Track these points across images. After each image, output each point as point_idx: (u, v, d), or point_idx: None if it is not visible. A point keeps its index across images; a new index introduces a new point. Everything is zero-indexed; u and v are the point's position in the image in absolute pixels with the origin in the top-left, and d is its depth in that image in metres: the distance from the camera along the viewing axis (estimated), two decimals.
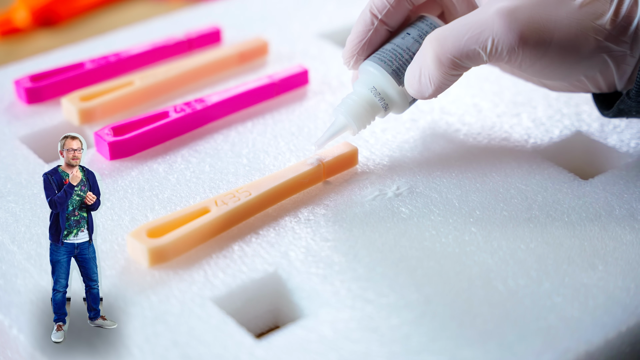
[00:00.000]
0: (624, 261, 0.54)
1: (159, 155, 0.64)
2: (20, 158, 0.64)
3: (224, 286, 0.53)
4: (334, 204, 0.59)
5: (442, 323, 0.51)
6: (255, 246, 0.56)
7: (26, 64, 0.75)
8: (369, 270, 0.54)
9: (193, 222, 0.55)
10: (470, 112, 0.67)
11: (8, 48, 1.10)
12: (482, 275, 0.53)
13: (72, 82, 0.71)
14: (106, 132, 0.64)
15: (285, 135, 0.66)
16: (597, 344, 0.50)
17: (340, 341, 0.50)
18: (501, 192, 0.60)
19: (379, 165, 0.62)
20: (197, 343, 0.50)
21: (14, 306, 0.52)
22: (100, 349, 0.49)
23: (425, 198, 0.59)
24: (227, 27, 0.79)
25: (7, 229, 0.57)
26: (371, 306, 0.52)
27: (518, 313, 0.51)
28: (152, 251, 0.54)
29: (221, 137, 0.66)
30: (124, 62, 0.73)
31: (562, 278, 0.53)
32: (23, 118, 0.69)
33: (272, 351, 0.49)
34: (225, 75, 0.73)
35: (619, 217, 0.58)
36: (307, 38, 0.78)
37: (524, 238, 0.56)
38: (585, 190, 0.60)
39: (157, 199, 0.60)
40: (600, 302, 0.52)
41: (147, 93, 0.70)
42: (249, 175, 0.62)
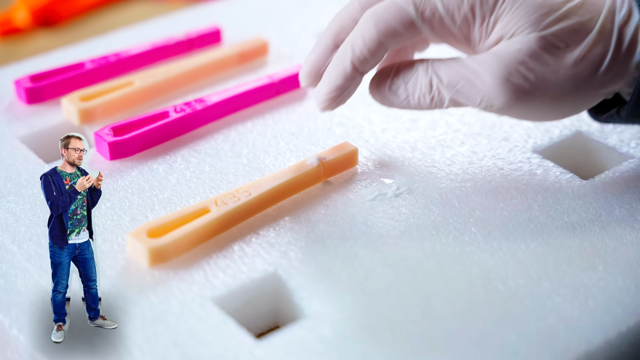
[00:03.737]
0: (624, 261, 0.54)
1: (159, 155, 0.64)
2: (20, 158, 0.64)
3: (224, 286, 0.53)
4: (334, 204, 0.59)
5: (442, 323, 0.51)
6: (255, 246, 0.56)
7: (26, 64, 0.75)
8: (369, 270, 0.54)
9: (193, 222, 0.55)
10: (470, 112, 0.67)
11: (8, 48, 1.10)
12: (482, 275, 0.53)
13: (72, 82, 0.71)
14: (106, 132, 0.64)
15: (285, 135, 0.66)
16: (597, 344, 0.50)
17: (340, 341, 0.50)
18: (501, 192, 0.60)
19: (379, 166, 0.62)
20: (197, 343, 0.50)
21: (14, 306, 0.52)
22: (100, 349, 0.49)
23: (425, 198, 0.59)
24: (227, 27, 0.79)
25: (7, 229, 0.57)
26: (371, 306, 0.52)
27: (518, 313, 0.51)
28: (152, 251, 0.54)
29: (221, 137, 0.66)
30: (124, 62, 0.73)
31: (562, 278, 0.53)
32: (23, 118, 0.69)
33: (272, 351, 0.49)
34: (225, 75, 0.73)
35: (619, 217, 0.58)
36: (307, 38, 0.78)
37: (524, 238, 0.56)
38: (585, 190, 0.60)
39: (157, 199, 0.60)
40: (600, 302, 0.52)
41: (147, 93, 0.70)
42: (249, 175, 0.62)
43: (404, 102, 0.57)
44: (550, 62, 0.54)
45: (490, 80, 0.54)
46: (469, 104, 0.56)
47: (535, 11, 0.54)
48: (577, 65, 0.54)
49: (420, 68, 0.57)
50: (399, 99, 0.57)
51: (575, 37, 0.54)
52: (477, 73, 0.55)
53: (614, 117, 0.58)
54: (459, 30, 0.56)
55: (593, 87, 0.55)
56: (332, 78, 0.57)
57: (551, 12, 0.55)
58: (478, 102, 0.55)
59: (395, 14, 0.55)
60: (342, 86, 0.57)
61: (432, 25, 0.56)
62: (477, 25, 0.55)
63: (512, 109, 0.55)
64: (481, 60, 0.55)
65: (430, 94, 0.56)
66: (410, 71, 0.57)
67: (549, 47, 0.54)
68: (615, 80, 0.55)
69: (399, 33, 0.56)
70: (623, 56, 0.55)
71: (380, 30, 0.55)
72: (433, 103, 0.56)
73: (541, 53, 0.54)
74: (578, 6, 0.55)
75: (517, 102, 0.55)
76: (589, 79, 0.55)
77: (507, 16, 0.55)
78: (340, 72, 0.57)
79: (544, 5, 0.55)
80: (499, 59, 0.54)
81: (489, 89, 0.55)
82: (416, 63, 0.57)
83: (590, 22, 0.55)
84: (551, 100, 0.55)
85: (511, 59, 0.54)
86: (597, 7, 0.55)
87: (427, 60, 0.57)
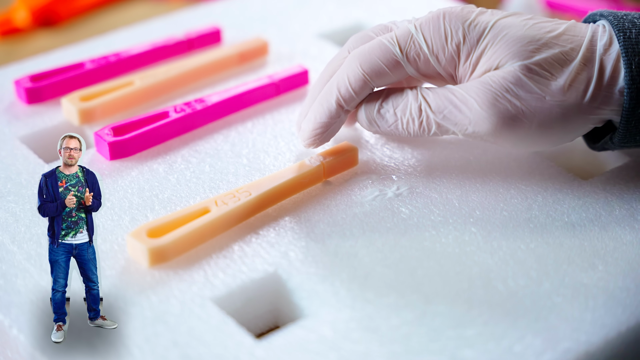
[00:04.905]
0: (624, 261, 0.54)
1: (159, 155, 0.64)
2: (20, 158, 0.64)
3: (224, 286, 0.53)
4: (334, 204, 0.59)
5: (442, 323, 0.51)
6: (255, 246, 0.56)
7: (26, 64, 0.75)
8: (369, 270, 0.54)
9: (193, 222, 0.55)
10: None
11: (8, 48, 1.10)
12: (482, 275, 0.53)
13: (72, 82, 0.71)
14: (106, 132, 0.64)
15: (285, 135, 0.66)
16: (597, 344, 0.50)
17: (340, 341, 0.50)
18: (501, 192, 0.60)
19: (379, 165, 0.62)
20: (197, 343, 0.50)
21: (14, 306, 0.52)
22: (100, 349, 0.49)
23: (425, 198, 0.59)
24: (227, 27, 0.79)
25: (7, 229, 0.57)
26: (371, 306, 0.52)
27: (518, 313, 0.51)
28: (152, 251, 0.54)
29: (221, 137, 0.66)
30: (124, 62, 0.73)
31: (562, 278, 0.53)
32: (23, 118, 0.69)
33: (272, 351, 0.49)
34: (225, 75, 0.73)
35: (619, 217, 0.58)
36: (307, 38, 0.78)
37: (524, 238, 0.56)
38: (585, 190, 0.60)
39: (157, 199, 0.60)
40: (600, 302, 0.52)
41: (147, 93, 0.70)
42: (249, 175, 0.62)
43: (391, 126, 0.59)
44: (536, 89, 0.55)
45: (477, 106, 0.56)
46: (456, 129, 0.57)
47: (517, 43, 0.56)
48: (563, 93, 0.55)
49: (410, 94, 0.58)
50: (387, 123, 0.59)
51: (559, 66, 0.56)
52: (464, 99, 0.56)
53: (608, 144, 0.58)
54: (444, 70, 0.58)
55: (580, 114, 0.56)
56: (317, 116, 0.59)
57: (533, 42, 0.56)
58: (465, 128, 0.56)
59: (381, 54, 0.57)
60: (327, 123, 0.59)
61: (418, 66, 0.57)
62: (461, 62, 0.57)
63: (500, 136, 0.56)
64: (468, 87, 0.56)
65: (419, 119, 0.57)
66: (400, 96, 0.58)
67: (534, 75, 0.55)
68: (602, 107, 0.56)
69: (384, 73, 0.58)
70: (607, 84, 0.56)
71: (365, 71, 0.57)
72: (421, 128, 0.58)
73: (526, 81, 0.55)
74: (558, 36, 0.56)
75: (504, 129, 0.56)
76: (575, 106, 0.56)
77: (490, 50, 0.56)
78: (325, 110, 0.59)
79: (525, 36, 0.56)
80: (485, 86, 0.56)
81: (475, 114, 0.56)
82: (406, 89, 0.59)
83: (572, 51, 0.56)
84: (538, 127, 0.56)
85: (497, 86, 0.55)
86: (579, 37, 0.56)
87: (416, 87, 0.58)
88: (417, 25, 0.57)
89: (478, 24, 0.56)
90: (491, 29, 0.56)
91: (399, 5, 0.83)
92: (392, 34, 0.58)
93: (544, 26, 0.57)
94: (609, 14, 0.57)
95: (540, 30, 0.56)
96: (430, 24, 0.57)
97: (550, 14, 1.14)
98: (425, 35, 0.57)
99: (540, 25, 0.57)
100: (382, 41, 0.57)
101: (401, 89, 0.59)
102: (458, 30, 0.56)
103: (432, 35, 0.57)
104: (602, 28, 0.57)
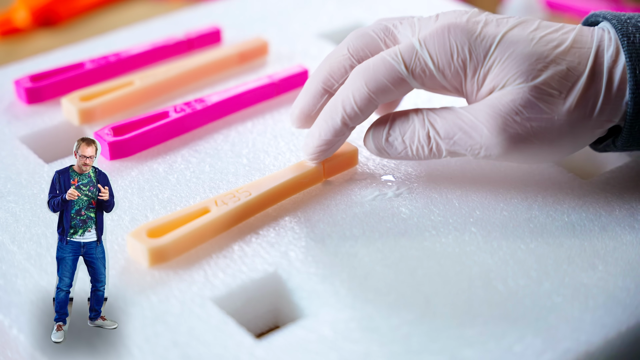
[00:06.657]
0: (624, 261, 0.54)
1: (159, 155, 0.64)
2: (20, 158, 0.64)
3: (224, 286, 0.53)
4: (334, 204, 0.59)
5: (442, 323, 0.51)
6: (255, 246, 0.56)
7: (26, 64, 0.75)
8: (369, 270, 0.54)
9: (193, 222, 0.55)
10: None
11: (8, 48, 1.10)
12: (482, 275, 0.53)
13: (72, 82, 0.71)
14: (106, 132, 0.64)
15: (285, 135, 0.66)
16: (597, 344, 0.50)
17: (340, 341, 0.50)
18: (501, 192, 0.60)
19: (379, 165, 0.62)
20: (197, 343, 0.50)
21: (14, 306, 0.52)
22: (100, 349, 0.49)
23: (425, 198, 0.59)
24: (227, 27, 0.79)
25: (7, 229, 0.57)
26: (371, 306, 0.52)
27: (518, 313, 0.51)
28: (152, 251, 0.54)
29: (221, 137, 0.66)
30: (124, 62, 0.73)
31: (562, 278, 0.53)
32: (23, 118, 0.69)
33: (272, 351, 0.49)
34: (225, 75, 0.73)
35: (619, 217, 0.58)
36: (307, 38, 0.78)
37: (524, 238, 0.56)
38: (585, 190, 0.60)
39: (157, 199, 0.60)
40: (600, 302, 0.52)
41: (147, 93, 0.70)
42: (249, 175, 0.62)
43: (402, 153, 0.58)
44: (546, 109, 0.55)
45: (487, 132, 0.55)
46: (467, 154, 0.57)
47: (524, 60, 0.55)
48: (571, 111, 0.55)
49: (417, 120, 0.57)
50: (397, 151, 0.58)
51: (566, 82, 0.55)
52: (473, 125, 0.55)
53: (610, 147, 0.58)
54: (450, 84, 0.57)
55: (589, 128, 0.56)
56: (322, 132, 0.58)
57: (540, 59, 0.55)
58: (477, 153, 0.56)
59: (386, 72, 0.56)
60: (331, 141, 0.58)
61: (423, 82, 0.57)
62: (468, 79, 0.56)
63: (510, 156, 0.56)
64: (476, 111, 0.56)
65: (429, 145, 0.57)
66: (406, 123, 0.58)
67: (542, 95, 0.55)
68: (610, 119, 0.56)
69: (389, 90, 0.57)
70: (614, 96, 0.55)
71: (371, 89, 0.56)
72: (432, 154, 0.57)
73: (535, 102, 0.55)
74: (566, 51, 0.55)
75: (515, 151, 0.56)
76: (584, 121, 0.55)
77: (497, 67, 0.55)
78: (330, 128, 0.58)
79: (532, 54, 0.55)
80: (494, 110, 0.55)
81: (486, 140, 0.55)
82: (411, 114, 0.58)
83: (579, 66, 0.55)
84: (549, 145, 0.56)
85: (506, 110, 0.55)
86: (585, 51, 0.56)
87: (422, 111, 0.57)
88: (422, 41, 0.56)
89: (484, 39, 0.55)
90: (498, 45, 0.55)
91: (399, 5, 0.83)
92: (395, 50, 0.56)
93: (551, 39, 0.56)
94: (612, 17, 0.56)
95: (548, 46, 0.55)
96: (435, 39, 0.56)
97: (550, 14, 1.14)
98: (431, 51, 0.56)
99: (547, 39, 0.55)
100: (387, 58, 0.56)
101: (406, 113, 0.58)
102: (464, 46, 0.55)
103: (437, 51, 0.56)
104: (608, 35, 0.56)
